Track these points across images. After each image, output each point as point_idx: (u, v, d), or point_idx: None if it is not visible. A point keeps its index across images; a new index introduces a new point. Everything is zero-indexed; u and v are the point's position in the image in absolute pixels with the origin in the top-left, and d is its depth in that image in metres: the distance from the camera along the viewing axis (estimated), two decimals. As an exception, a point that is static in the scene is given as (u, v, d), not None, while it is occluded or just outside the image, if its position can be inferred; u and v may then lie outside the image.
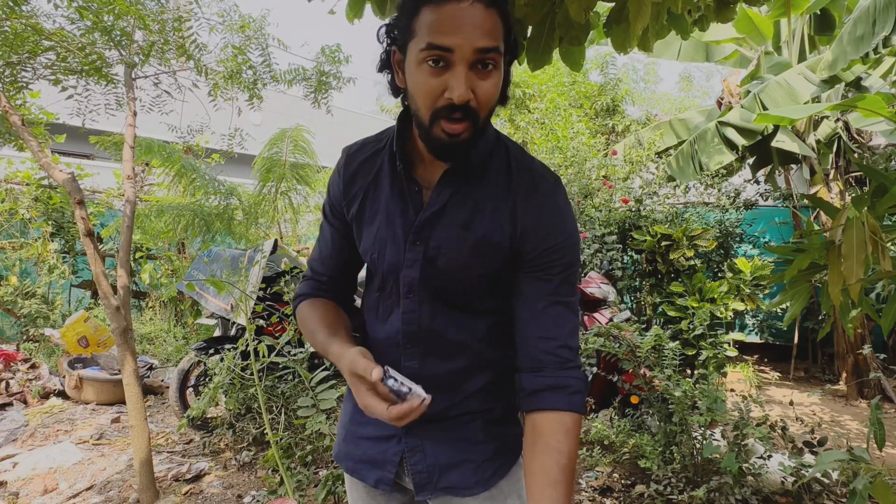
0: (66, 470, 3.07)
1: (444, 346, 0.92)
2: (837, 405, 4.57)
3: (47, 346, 5.20)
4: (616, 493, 2.75)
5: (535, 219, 0.87)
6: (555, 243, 0.86)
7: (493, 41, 0.76)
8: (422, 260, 0.89)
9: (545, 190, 0.89)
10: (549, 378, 0.85)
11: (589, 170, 5.61)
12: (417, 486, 0.95)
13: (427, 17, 0.76)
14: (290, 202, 6.26)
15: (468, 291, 0.91)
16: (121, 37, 2.63)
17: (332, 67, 3.85)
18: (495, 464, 0.95)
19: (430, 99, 0.78)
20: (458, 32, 0.74)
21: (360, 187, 0.95)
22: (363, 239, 0.96)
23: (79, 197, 2.48)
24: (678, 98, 12.30)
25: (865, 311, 1.79)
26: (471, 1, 0.75)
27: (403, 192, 0.91)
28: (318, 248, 1.06)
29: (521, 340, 0.88)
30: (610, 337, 3.08)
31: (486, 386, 0.95)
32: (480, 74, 0.77)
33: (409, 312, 0.91)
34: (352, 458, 1.02)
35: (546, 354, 0.86)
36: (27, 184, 5.75)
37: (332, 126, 7.21)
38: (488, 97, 0.79)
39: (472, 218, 0.88)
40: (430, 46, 0.75)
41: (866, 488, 1.73)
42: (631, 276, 5.00)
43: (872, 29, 3.43)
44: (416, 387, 0.76)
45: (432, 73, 0.76)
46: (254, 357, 2.47)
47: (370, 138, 1.00)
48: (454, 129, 0.78)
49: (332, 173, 1.01)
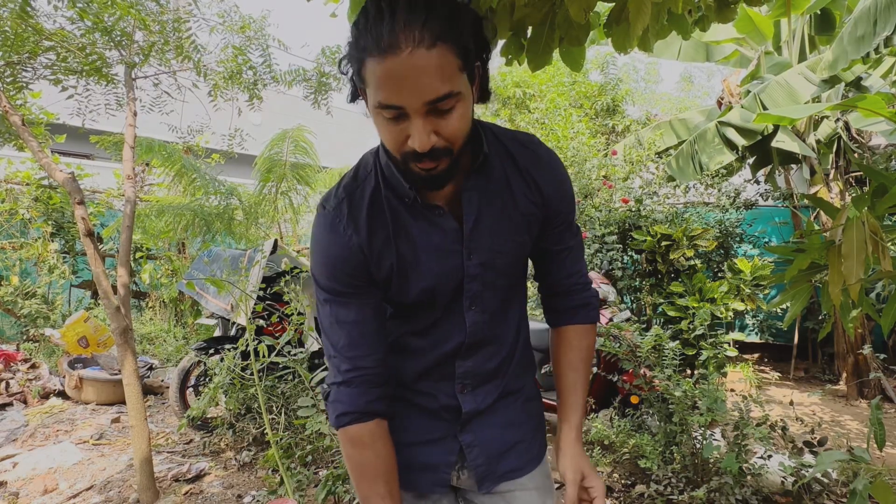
0: (66, 470, 3.07)
1: (494, 343, 0.99)
2: (837, 405, 4.57)
3: (47, 346, 5.21)
4: (616, 493, 2.75)
5: (552, 185, 0.95)
6: (568, 199, 0.99)
7: (445, 86, 0.71)
8: (482, 269, 0.92)
9: (543, 155, 0.96)
10: (574, 300, 1.04)
11: (589, 170, 5.61)
12: (480, 479, 0.99)
13: (372, 70, 0.72)
14: (290, 202, 6.26)
15: (518, 272, 0.99)
16: (121, 37, 2.63)
17: (333, 68, 3.85)
18: (538, 439, 1.07)
19: (395, 145, 0.77)
20: (403, 90, 0.70)
21: (385, 241, 0.88)
22: (414, 282, 0.90)
23: (79, 197, 2.48)
24: (678, 98, 12.28)
25: (866, 310, 1.79)
26: (409, 49, 0.68)
27: (432, 220, 0.89)
28: (341, 335, 0.90)
29: (550, 280, 1.05)
30: (610, 337, 3.07)
31: (516, 365, 1.03)
32: (441, 115, 0.74)
33: (475, 324, 0.95)
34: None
35: (572, 286, 1.04)
36: (27, 184, 5.75)
37: (332, 126, 7.21)
38: (455, 133, 0.77)
39: (506, 207, 0.92)
40: (380, 105, 0.73)
41: (866, 488, 1.73)
42: (631, 276, 4.99)
43: (873, 29, 3.43)
44: None
45: (391, 124, 0.75)
46: (254, 357, 2.47)
47: (348, 185, 0.90)
48: (427, 166, 0.78)
49: (330, 244, 0.88)
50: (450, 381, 0.97)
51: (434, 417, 0.99)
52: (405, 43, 0.68)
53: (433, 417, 0.99)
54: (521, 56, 2.01)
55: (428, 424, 0.99)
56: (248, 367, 2.93)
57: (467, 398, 0.98)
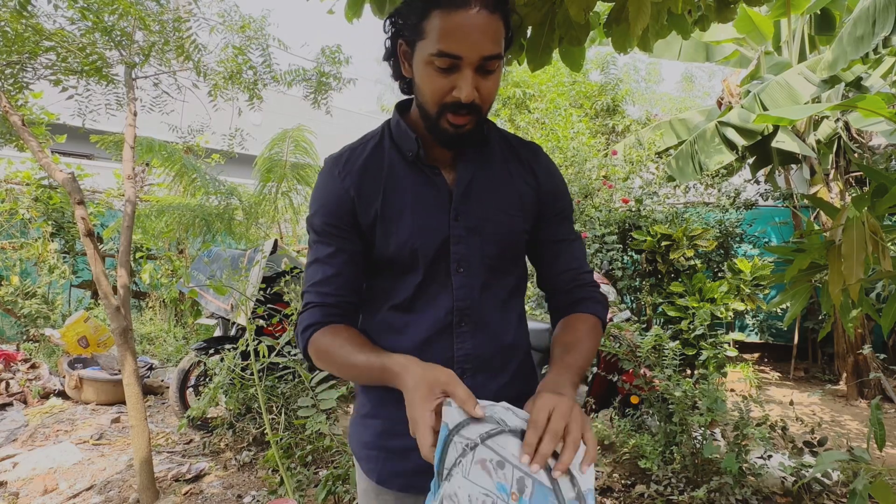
0: (66, 470, 3.07)
1: (491, 323, 0.97)
2: (837, 405, 4.57)
3: (47, 347, 5.20)
4: (616, 493, 2.75)
5: (550, 179, 1.02)
6: (562, 191, 1.04)
7: (497, 48, 0.83)
8: (468, 233, 0.94)
9: (543, 156, 1.05)
10: (579, 294, 1.03)
11: (589, 170, 5.61)
12: None
13: (437, 22, 0.81)
14: (290, 202, 6.26)
15: (509, 251, 0.99)
16: (121, 37, 2.63)
17: (333, 68, 3.85)
18: None
19: (438, 96, 0.85)
20: (467, 41, 0.80)
21: (375, 187, 0.93)
22: (395, 234, 0.92)
23: (79, 197, 2.48)
24: (679, 98, 12.28)
25: (866, 310, 1.79)
26: (477, 8, 0.80)
27: (426, 177, 0.95)
28: (317, 271, 0.95)
29: (551, 276, 1.05)
30: (610, 337, 3.07)
31: (520, 367, 1.02)
32: (484, 75, 0.84)
33: (461, 288, 0.94)
34: (403, 474, 0.96)
35: (574, 281, 1.04)
36: (27, 184, 5.75)
37: (332, 126, 7.21)
38: (491, 95, 0.87)
39: (500, 181, 0.98)
40: (440, 53, 0.81)
41: (866, 488, 1.73)
42: (631, 276, 4.99)
43: (872, 29, 3.43)
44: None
45: (441, 74, 0.83)
46: (254, 357, 2.47)
47: (353, 143, 0.99)
48: (460, 121, 0.86)
49: (325, 187, 0.95)
50: (448, 367, 0.96)
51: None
52: (475, 3, 0.80)
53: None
54: (520, 56, 2.01)
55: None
56: (248, 368, 2.93)
57: (467, 383, 0.96)
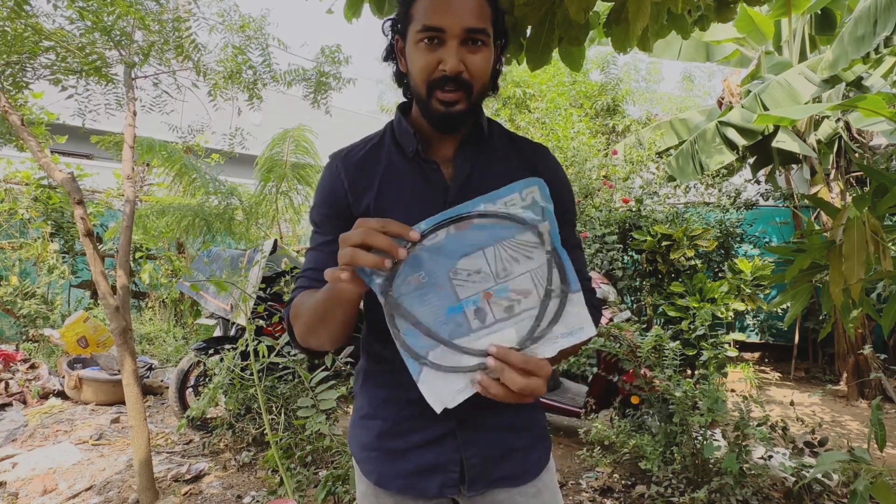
0: (65, 470, 3.06)
1: None
2: (838, 405, 4.56)
3: (47, 347, 5.20)
4: (616, 493, 2.75)
5: (551, 175, 0.98)
6: (569, 201, 1.03)
7: (481, 23, 0.86)
8: None
9: (549, 156, 1.05)
10: None
11: (589, 170, 5.61)
12: (471, 481, 0.95)
13: (422, 3, 0.87)
14: (290, 202, 6.26)
15: None
16: (120, 37, 2.63)
17: (332, 68, 3.84)
18: (537, 452, 1.02)
19: (426, 73, 0.87)
20: (448, 13, 0.84)
21: (369, 180, 0.95)
22: None
23: (78, 197, 2.48)
24: (679, 98, 12.27)
25: (866, 311, 1.79)
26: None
27: (424, 172, 0.95)
28: (312, 258, 1.00)
29: None
30: (610, 337, 3.07)
31: None
32: (471, 49, 0.87)
33: None
34: (401, 475, 0.96)
35: None
36: (27, 184, 5.75)
37: (332, 126, 7.21)
38: (479, 69, 0.88)
39: (499, 178, 0.94)
40: (424, 28, 0.86)
41: (867, 489, 1.73)
42: (631, 276, 4.99)
43: (873, 29, 3.43)
44: None
45: (428, 50, 0.87)
46: (254, 357, 2.47)
47: (356, 142, 1.02)
48: (448, 97, 0.87)
49: (323, 180, 0.99)
50: None
51: (432, 416, 0.97)
52: None
53: (432, 417, 0.97)
54: (520, 55, 2.01)
55: (427, 424, 0.96)
56: (247, 368, 2.92)
57: None
